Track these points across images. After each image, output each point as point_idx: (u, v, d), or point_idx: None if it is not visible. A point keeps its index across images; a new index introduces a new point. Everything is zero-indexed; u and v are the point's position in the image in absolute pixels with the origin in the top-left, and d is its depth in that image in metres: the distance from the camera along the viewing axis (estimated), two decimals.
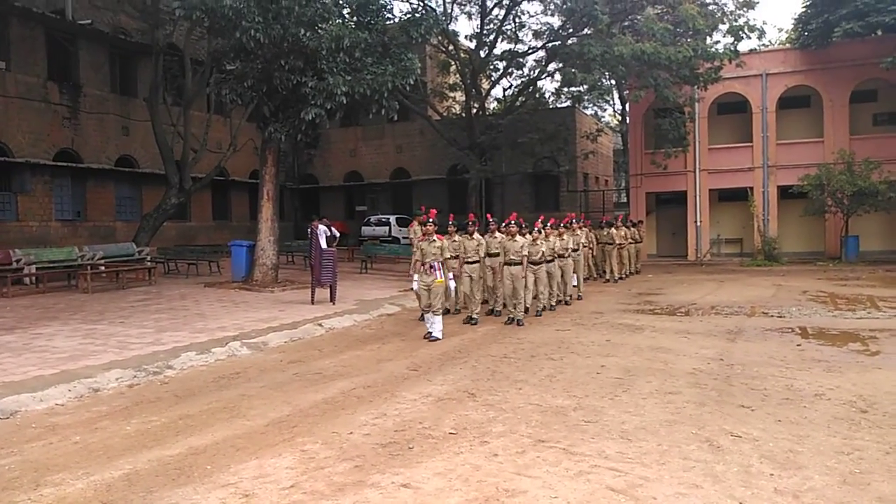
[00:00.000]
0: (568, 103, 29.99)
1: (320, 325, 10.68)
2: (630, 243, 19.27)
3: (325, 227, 13.65)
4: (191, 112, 21.47)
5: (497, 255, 11.33)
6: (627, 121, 30.25)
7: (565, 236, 13.27)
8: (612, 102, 38.10)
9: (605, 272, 18.17)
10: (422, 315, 10.22)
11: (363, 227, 29.41)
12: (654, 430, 5.26)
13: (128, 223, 23.65)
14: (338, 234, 14.65)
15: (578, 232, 15.04)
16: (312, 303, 12.86)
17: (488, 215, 12.24)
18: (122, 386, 7.03)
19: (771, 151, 24.70)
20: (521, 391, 6.52)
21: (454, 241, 11.11)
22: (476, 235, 11.31)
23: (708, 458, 4.61)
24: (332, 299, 12.99)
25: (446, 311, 11.69)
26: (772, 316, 11.41)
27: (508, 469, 4.47)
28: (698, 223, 25.76)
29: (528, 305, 11.50)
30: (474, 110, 27.16)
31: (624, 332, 10.00)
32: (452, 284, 10.13)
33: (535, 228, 11.61)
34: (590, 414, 5.72)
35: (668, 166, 24.84)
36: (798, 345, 8.80)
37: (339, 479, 4.33)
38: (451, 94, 31.00)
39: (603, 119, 39.62)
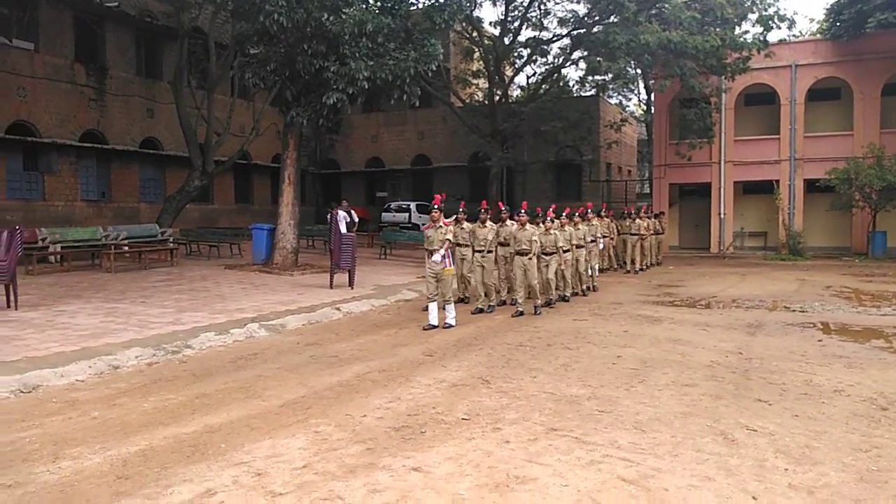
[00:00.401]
0: (592, 92, 29.71)
1: (338, 309, 10.74)
2: (652, 234, 19.11)
3: (345, 213, 13.70)
4: (215, 95, 21.60)
5: (508, 244, 11.04)
6: (652, 110, 29.90)
7: (580, 226, 13.06)
8: (637, 92, 37.70)
9: (625, 263, 18.04)
10: (426, 305, 9.79)
11: (383, 213, 29.47)
12: (669, 421, 5.22)
13: (151, 204, 23.92)
14: (357, 220, 14.68)
15: (595, 222, 14.72)
16: (331, 287, 12.93)
17: (500, 203, 11.87)
18: (142, 364, 7.14)
19: (798, 144, 24.28)
20: (535, 379, 6.50)
21: (463, 228, 10.84)
22: (488, 223, 10.91)
23: (722, 451, 4.57)
24: (351, 284, 13.05)
25: (462, 300, 11.63)
26: (794, 311, 11.25)
27: (520, 456, 4.47)
28: (722, 215, 25.45)
29: (550, 297, 11.41)
30: (497, 97, 26.99)
31: (642, 323, 9.93)
32: (440, 261, 9.40)
33: (548, 218, 11.32)
34: (604, 404, 5.69)
35: (693, 157, 24.54)
36: (819, 340, 8.67)
37: (350, 461, 4.36)
38: (475, 81, 30.83)
39: (627, 108, 39.23)
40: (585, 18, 24.76)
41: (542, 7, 26.95)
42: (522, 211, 10.71)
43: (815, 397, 5.94)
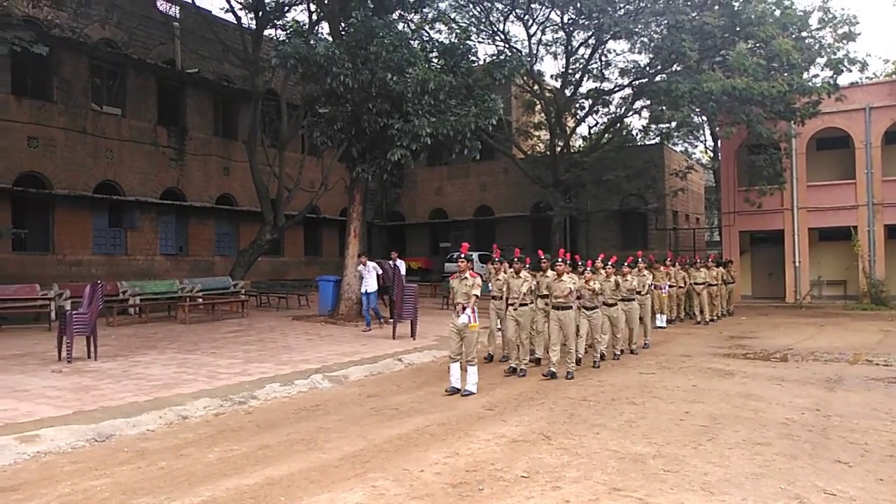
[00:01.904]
0: (656, 140, 29.49)
1: (400, 360, 10.79)
2: (721, 284, 18.53)
3: (375, 265, 13.88)
4: (286, 153, 22.53)
5: (546, 296, 10.02)
6: (719, 157, 29.36)
7: (630, 276, 12.00)
8: (703, 139, 37.14)
9: (694, 314, 17.51)
10: (449, 366, 8.67)
11: (446, 264, 29.68)
12: (739, 483, 4.97)
13: (225, 258, 24.85)
14: (404, 272, 14.87)
15: (646, 272, 13.46)
16: (394, 337, 13.04)
17: (539, 252, 11.15)
18: (209, 414, 7.34)
19: (876, 189, 23.26)
20: (598, 436, 6.33)
21: (498, 279, 10.21)
22: (524, 273, 9.93)
23: None
24: (413, 334, 13.13)
25: (489, 359, 10.83)
26: (877, 364, 10.62)
27: None
28: (797, 263, 24.47)
29: (580, 355, 10.35)
30: (559, 148, 27.13)
31: (712, 377, 9.56)
32: (464, 319, 8.34)
33: (588, 268, 10.42)
34: (670, 463, 5.48)
35: (763, 204, 23.85)
36: None
37: None
38: (536, 133, 31.12)
39: (693, 155, 38.64)
40: (647, 68, 24.79)
41: (603, 59, 27.20)
42: (560, 259, 9.81)
43: None
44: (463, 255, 8.71)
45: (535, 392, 8.54)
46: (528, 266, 10.33)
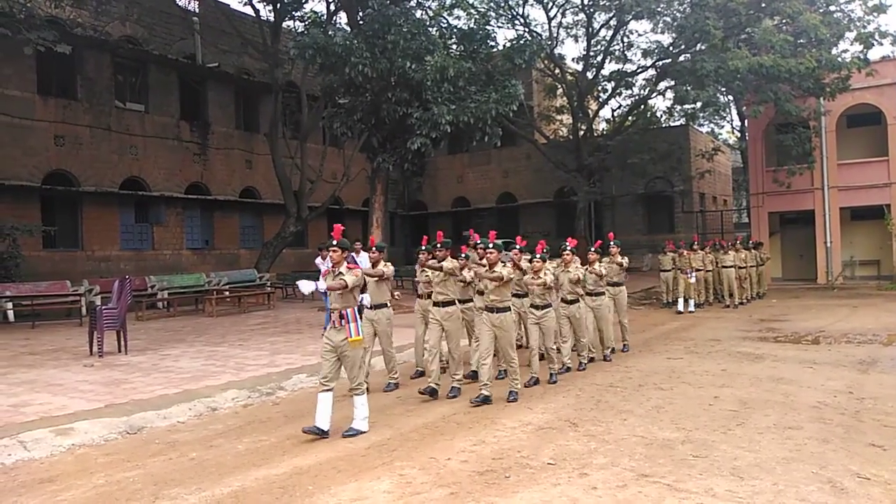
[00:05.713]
0: (681, 121, 29.04)
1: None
2: (752, 266, 18.23)
3: (320, 260, 13.46)
4: (307, 145, 22.62)
5: (482, 293, 7.82)
6: (746, 137, 28.85)
7: (598, 265, 9.56)
8: (729, 119, 36.53)
9: (723, 297, 17.28)
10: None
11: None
12: (770, 467, 4.90)
13: (250, 250, 25.07)
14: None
15: (620, 258, 10.89)
16: None
17: (470, 231, 9.07)
18: (238, 406, 7.42)
19: None
20: (625, 422, 6.28)
21: (425, 272, 8.34)
22: (449, 262, 7.89)
23: (829, 502, 4.23)
24: None
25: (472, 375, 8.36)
26: None
27: (607, 503, 4.30)
28: (828, 244, 23.97)
29: (538, 374, 8.20)
30: (582, 132, 26.85)
31: (742, 361, 9.43)
32: (353, 333, 6.08)
33: (537, 255, 8.22)
34: (699, 448, 5.41)
35: (793, 184, 23.37)
36: None
37: None
38: (558, 117, 30.84)
39: (720, 136, 38.03)
40: (671, 48, 24.35)
41: (626, 40, 26.81)
42: (491, 244, 7.42)
43: None
44: (336, 243, 6.32)
45: (562, 379, 8.49)
46: (465, 255, 8.45)
